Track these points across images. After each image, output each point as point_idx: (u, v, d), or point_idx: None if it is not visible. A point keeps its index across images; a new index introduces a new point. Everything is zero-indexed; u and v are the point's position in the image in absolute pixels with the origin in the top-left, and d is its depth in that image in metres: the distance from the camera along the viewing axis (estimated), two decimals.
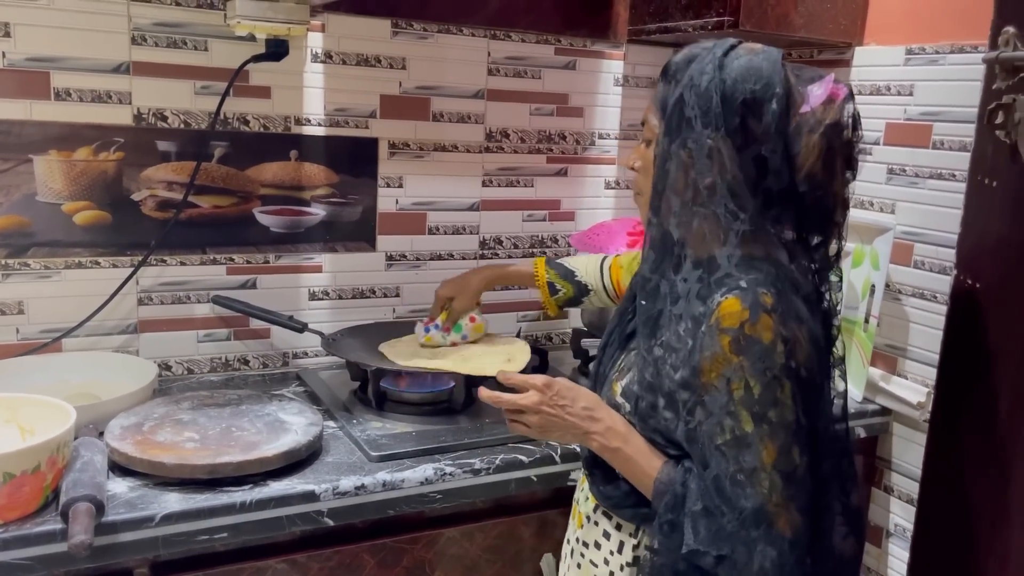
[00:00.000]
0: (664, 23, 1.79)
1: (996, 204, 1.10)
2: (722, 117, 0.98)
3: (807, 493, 0.99)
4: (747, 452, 0.96)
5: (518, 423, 1.13)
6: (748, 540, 0.96)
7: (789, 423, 0.97)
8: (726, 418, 0.97)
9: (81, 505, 1.05)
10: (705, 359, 0.98)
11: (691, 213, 1.02)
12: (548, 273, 1.59)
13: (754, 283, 0.98)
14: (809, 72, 1.03)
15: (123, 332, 1.59)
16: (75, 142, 1.49)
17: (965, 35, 1.56)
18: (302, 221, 1.70)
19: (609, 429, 1.08)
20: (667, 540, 1.01)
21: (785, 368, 0.96)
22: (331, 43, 1.66)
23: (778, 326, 0.96)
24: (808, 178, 1.00)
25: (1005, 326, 1.09)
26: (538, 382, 1.10)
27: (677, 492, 1.01)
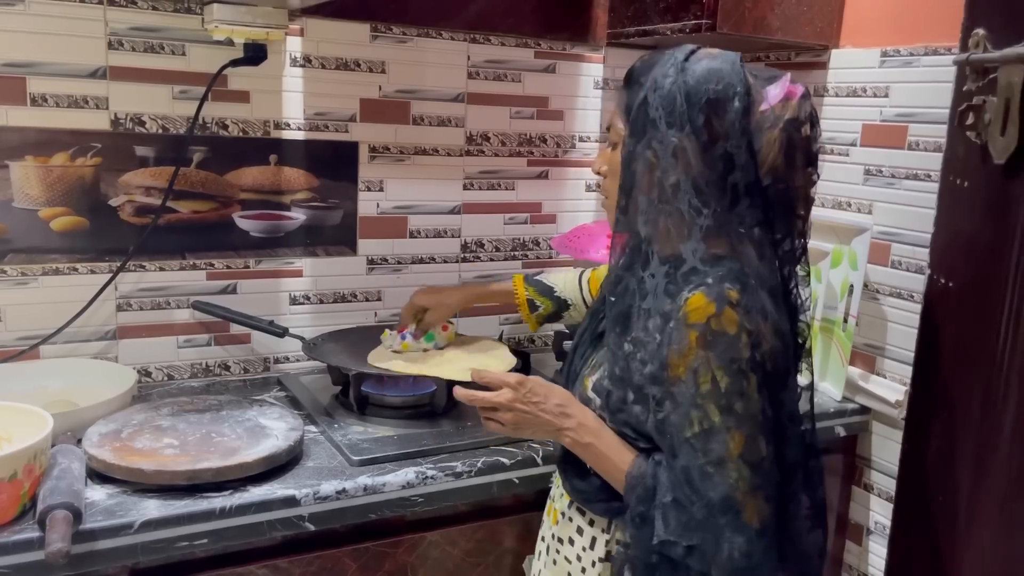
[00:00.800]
0: (643, 26, 1.80)
1: (967, 204, 1.11)
2: (686, 116, 1.01)
3: (773, 482, 1.01)
4: (714, 443, 0.99)
5: (492, 420, 1.15)
6: (716, 529, 0.98)
7: (755, 414, 0.99)
8: (694, 410, 0.99)
9: (58, 513, 1.04)
10: (673, 353, 1.00)
11: (657, 211, 1.05)
12: (527, 291, 1.60)
13: (720, 278, 1.01)
14: (766, 72, 1.07)
15: (102, 338, 1.58)
16: (52, 147, 1.49)
17: (938, 37, 1.58)
18: (282, 225, 1.70)
19: (581, 425, 1.10)
20: (638, 532, 1.03)
21: (750, 361, 0.99)
22: (310, 47, 1.66)
23: (743, 320, 0.99)
24: (771, 171, 1.03)
25: (978, 325, 1.10)
26: (511, 380, 1.13)
27: (648, 485, 1.04)
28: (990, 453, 1.08)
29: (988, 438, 1.10)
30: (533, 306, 1.60)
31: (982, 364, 1.10)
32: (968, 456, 1.11)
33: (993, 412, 1.08)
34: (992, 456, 1.09)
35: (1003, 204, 1.06)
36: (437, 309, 1.62)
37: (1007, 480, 1.07)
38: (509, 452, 1.39)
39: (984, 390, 1.09)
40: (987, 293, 1.08)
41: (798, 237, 1.08)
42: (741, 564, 0.98)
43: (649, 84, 1.05)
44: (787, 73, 1.07)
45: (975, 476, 1.10)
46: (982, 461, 1.09)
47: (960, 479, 1.13)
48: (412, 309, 1.63)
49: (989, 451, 1.08)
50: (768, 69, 1.09)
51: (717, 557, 0.98)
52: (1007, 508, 1.07)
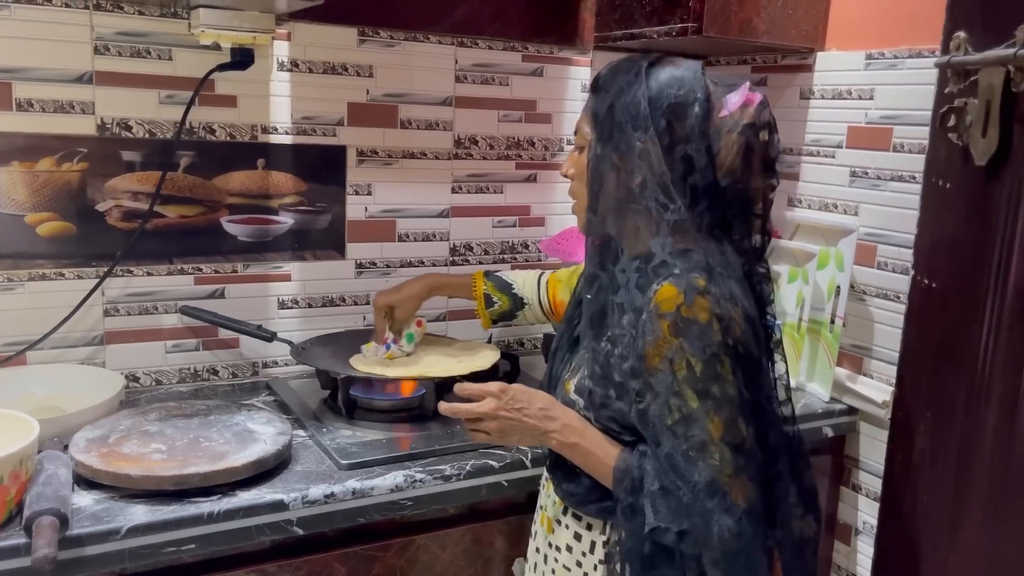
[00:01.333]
0: (629, 29, 1.81)
1: (950, 205, 1.12)
2: (650, 120, 1.06)
3: (756, 463, 1.04)
4: (695, 427, 1.01)
5: (478, 431, 1.16)
6: (705, 512, 1.00)
7: (732, 397, 1.02)
8: (672, 398, 1.02)
9: (45, 519, 1.04)
10: (648, 344, 1.03)
11: (625, 210, 1.09)
12: (486, 285, 1.62)
13: (687, 269, 1.04)
14: (727, 80, 1.11)
15: (89, 344, 1.57)
16: (38, 153, 1.48)
17: (921, 40, 1.59)
18: (270, 230, 1.70)
19: (566, 426, 1.12)
20: (630, 524, 1.05)
21: (723, 345, 1.02)
22: (297, 51, 1.66)
23: (713, 306, 1.02)
24: (729, 173, 1.07)
25: (961, 325, 1.11)
26: (493, 388, 1.14)
27: (634, 476, 1.05)
28: (973, 452, 1.09)
29: (971, 437, 1.10)
30: (489, 301, 1.62)
31: (965, 364, 1.11)
32: (952, 455, 1.12)
33: (976, 412, 1.09)
34: (975, 455, 1.10)
35: (985, 205, 1.07)
36: (403, 303, 1.62)
37: (990, 479, 1.07)
38: (498, 455, 1.39)
39: (967, 390, 1.10)
40: (969, 293, 1.09)
41: (757, 235, 1.12)
42: (732, 545, 1.00)
43: (615, 90, 1.09)
44: (747, 81, 1.11)
45: (959, 475, 1.11)
46: (966, 460, 1.10)
47: (944, 478, 1.14)
48: (380, 311, 1.62)
49: (972, 450, 1.09)
50: (729, 76, 1.13)
51: (708, 540, 1.00)
52: (991, 507, 1.08)
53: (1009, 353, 1.04)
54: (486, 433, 1.15)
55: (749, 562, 1.03)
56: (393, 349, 1.60)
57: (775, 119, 1.10)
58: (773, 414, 1.11)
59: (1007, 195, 1.03)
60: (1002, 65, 1.02)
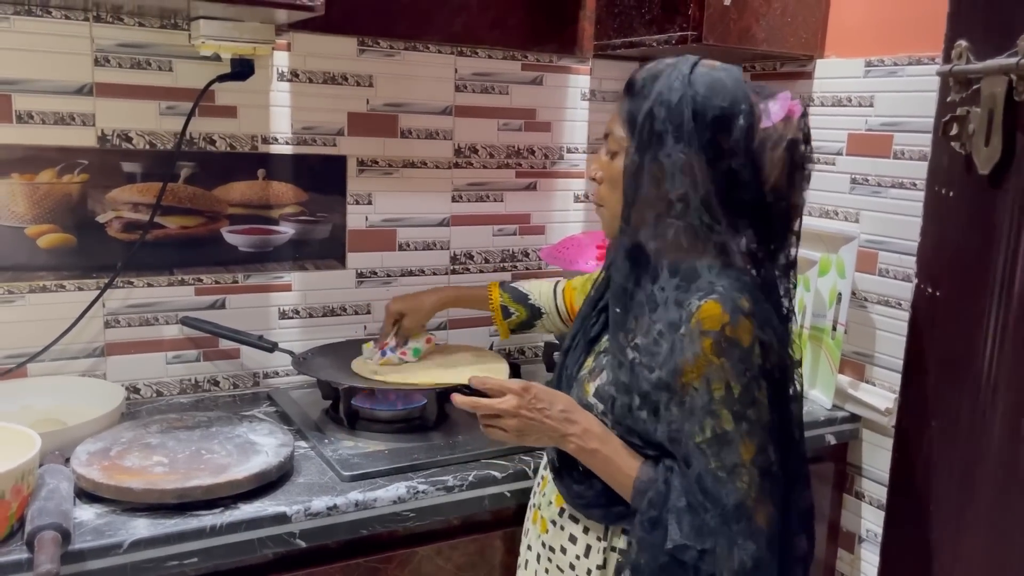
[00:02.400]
0: (629, 38, 1.81)
1: (952, 214, 1.12)
2: (694, 133, 1.02)
3: (780, 489, 1.04)
4: (728, 450, 1.01)
5: (494, 428, 1.13)
6: (730, 535, 1.00)
7: (766, 422, 1.02)
8: (707, 417, 1.01)
9: (47, 534, 1.03)
10: (686, 360, 1.01)
11: (666, 225, 1.06)
12: (502, 296, 1.60)
13: (730, 288, 1.03)
14: (767, 90, 1.08)
15: (90, 356, 1.57)
16: (38, 164, 1.48)
17: (922, 47, 1.60)
18: (271, 240, 1.69)
19: (586, 431, 1.10)
20: (649, 536, 1.04)
21: (761, 369, 1.02)
22: (297, 62, 1.66)
23: (756, 330, 1.01)
24: (773, 190, 1.05)
25: (965, 333, 1.11)
26: (516, 386, 1.11)
27: (660, 489, 1.04)
28: (979, 460, 1.09)
29: (977, 445, 1.10)
30: (507, 312, 1.60)
31: (970, 372, 1.11)
32: (957, 463, 1.12)
33: (981, 419, 1.09)
34: (981, 463, 1.10)
35: (988, 214, 1.06)
36: (413, 313, 1.60)
37: (996, 487, 1.07)
38: (500, 465, 1.38)
39: (972, 397, 1.10)
40: (973, 302, 1.08)
41: (792, 249, 1.11)
42: (750, 568, 1.00)
43: (654, 96, 1.05)
44: (787, 90, 1.08)
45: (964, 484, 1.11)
46: (971, 468, 1.10)
47: (950, 486, 1.13)
48: (390, 317, 1.61)
49: (978, 458, 1.09)
50: (766, 85, 1.10)
51: (729, 561, 1.00)
52: (997, 516, 1.07)
53: (1014, 361, 1.03)
54: (503, 431, 1.12)
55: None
56: (389, 355, 1.59)
57: (810, 127, 1.09)
58: (796, 440, 1.10)
59: (1010, 204, 1.02)
60: (1004, 74, 1.02)
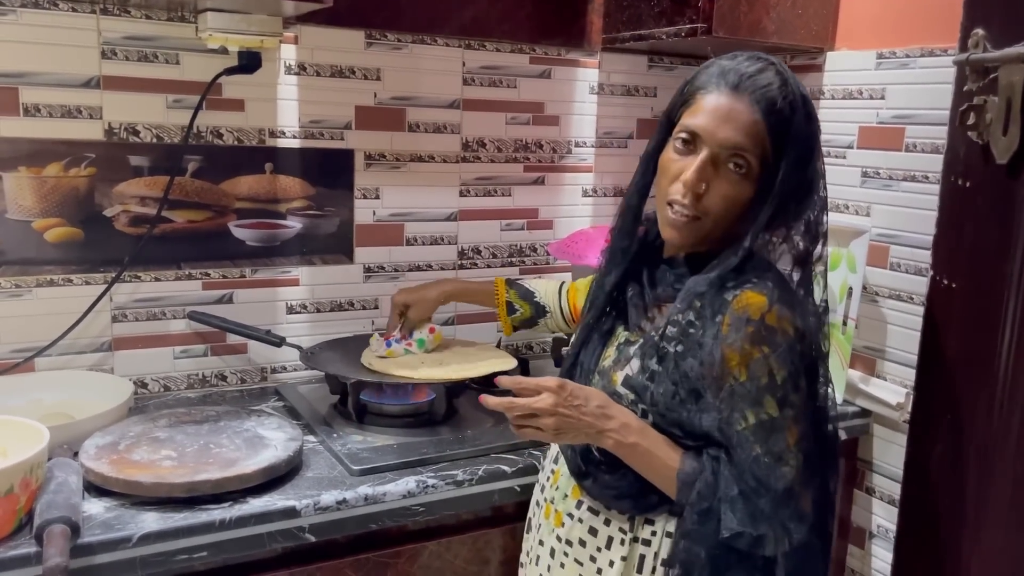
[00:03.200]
0: (638, 31, 1.80)
1: (970, 205, 1.11)
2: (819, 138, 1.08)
3: (819, 474, 1.06)
4: (775, 436, 1.02)
5: (529, 428, 1.09)
6: (781, 520, 1.02)
7: (807, 408, 1.04)
8: (753, 405, 1.02)
9: (56, 527, 1.02)
10: (729, 348, 1.02)
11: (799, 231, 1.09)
12: (508, 292, 1.60)
13: (767, 278, 1.05)
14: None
15: (97, 350, 1.56)
16: (45, 158, 1.47)
17: (934, 39, 1.58)
18: (278, 234, 1.69)
19: (624, 426, 1.08)
20: (701, 527, 1.04)
21: (802, 356, 1.03)
22: (304, 55, 1.65)
23: (796, 318, 1.03)
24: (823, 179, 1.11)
25: (982, 326, 1.10)
26: (552, 384, 1.08)
27: (708, 480, 1.05)
28: (996, 455, 1.08)
29: (993, 439, 1.09)
30: (512, 309, 1.59)
31: (986, 365, 1.10)
32: (973, 458, 1.11)
33: (998, 413, 1.08)
34: (998, 458, 1.09)
35: (1006, 204, 1.05)
36: (418, 304, 1.60)
37: (1014, 482, 1.06)
38: (510, 460, 1.38)
39: (989, 391, 1.09)
40: (991, 293, 1.07)
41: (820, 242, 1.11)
42: (801, 551, 1.03)
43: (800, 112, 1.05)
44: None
45: (981, 478, 1.10)
46: (988, 463, 1.09)
47: (966, 481, 1.12)
48: (396, 308, 1.61)
49: (995, 453, 1.08)
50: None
51: (781, 545, 1.02)
52: (1014, 510, 1.06)
53: None
54: (539, 430, 1.08)
55: (814, 568, 1.06)
56: (394, 347, 1.58)
57: None
58: (829, 427, 1.12)
59: None
60: (1022, 62, 1.01)
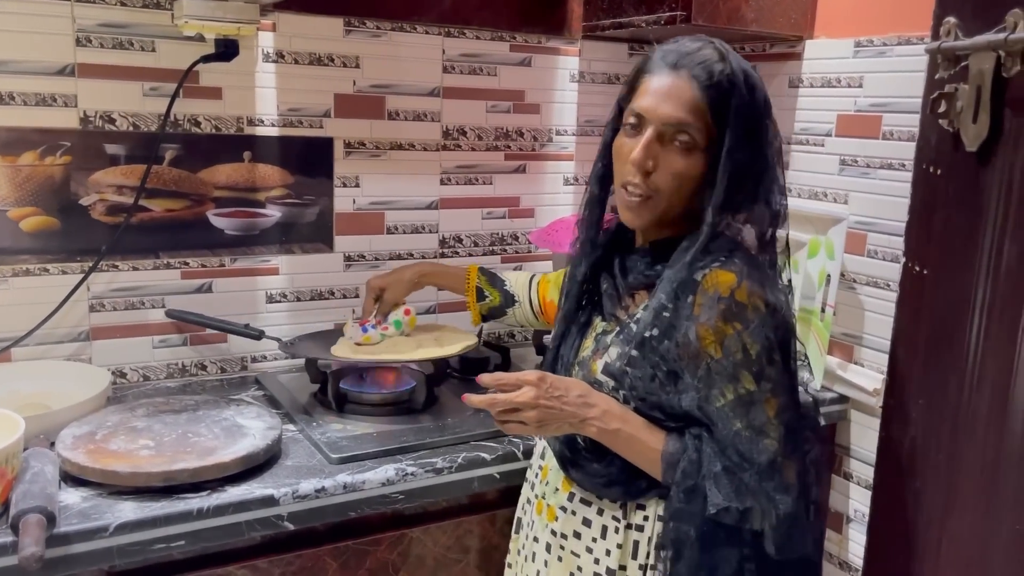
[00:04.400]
0: (618, 18, 1.80)
1: (941, 191, 1.12)
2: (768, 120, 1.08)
3: (801, 444, 1.07)
4: (754, 410, 1.03)
5: (513, 423, 1.10)
6: (766, 492, 1.03)
7: (783, 381, 1.05)
8: (729, 381, 1.04)
9: (31, 517, 1.02)
10: (701, 327, 1.03)
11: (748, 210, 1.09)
12: (479, 279, 1.60)
13: (735, 256, 1.06)
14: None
15: (75, 340, 1.55)
16: (20, 147, 1.46)
17: (911, 27, 1.59)
18: (257, 223, 1.68)
19: (606, 412, 1.09)
20: (688, 506, 1.05)
21: (775, 330, 1.04)
22: (282, 42, 1.65)
23: (766, 293, 1.04)
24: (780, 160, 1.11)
25: (953, 311, 1.11)
26: (532, 377, 1.09)
27: (692, 458, 1.06)
28: (966, 438, 1.09)
29: (963, 424, 1.10)
30: (481, 295, 1.60)
31: (957, 350, 1.11)
32: (944, 442, 1.12)
33: (968, 398, 1.09)
34: (968, 441, 1.10)
35: (975, 190, 1.07)
36: (394, 287, 1.60)
37: (982, 464, 1.07)
38: (490, 447, 1.38)
39: (959, 376, 1.10)
40: (961, 279, 1.09)
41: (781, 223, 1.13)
42: (787, 521, 1.03)
43: (743, 86, 1.06)
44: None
45: (951, 461, 1.11)
46: (958, 446, 1.10)
47: (937, 464, 1.14)
48: (372, 292, 1.61)
49: (965, 436, 1.09)
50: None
51: (768, 517, 1.03)
52: (983, 492, 1.08)
53: (1000, 338, 1.04)
54: (522, 423, 1.10)
55: (802, 538, 1.06)
56: (371, 332, 1.58)
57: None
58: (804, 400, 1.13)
59: (998, 180, 1.02)
60: (993, 50, 1.02)
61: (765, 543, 1.05)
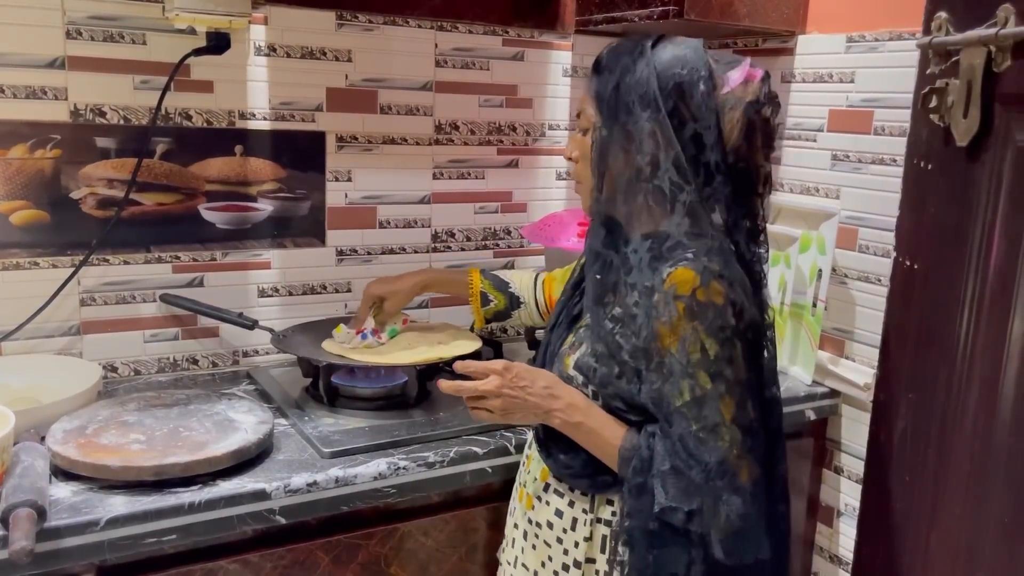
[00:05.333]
0: (610, 13, 1.80)
1: (931, 186, 1.12)
2: (659, 100, 1.06)
3: (761, 444, 1.06)
4: (707, 409, 1.03)
5: (480, 409, 1.15)
6: (714, 492, 1.02)
7: (743, 380, 1.04)
8: (685, 379, 1.03)
9: (22, 511, 1.02)
10: (662, 325, 1.04)
11: (636, 189, 1.09)
12: (482, 283, 1.59)
13: (702, 252, 1.05)
14: (728, 58, 1.12)
15: (65, 334, 1.55)
16: (9, 140, 1.45)
17: (903, 22, 1.59)
18: (249, 217, 1.68)
19: (570, 405, 1.11)
20: (637, 502, 1.06)
21: (735, 329, 1.04)
22: (274, 36, 1.64)
23: (727, 291, 1.03)
24: (733, 151, 1.08)
25: (943, 306, 1.11)
26: (497, 366, 1.13)
27: (643, 455, 1.06)
28: (955, 432, 1.10)
29: (953, 418, 1.11)
30: (485, 300, 1.59)
31: (947, 345, 1.11)
32: (933, 436, 1.13)
33: (957, 392, 1.10)
34: (957, 435, 1.11)
35: (966, 186, 1.07)
36: (393, 296, 1.58)
37: (971, 459, 1.08)
38: (482, 441, 1.38)
39: (948, 370, 1.11)
40: (951, 274, 1.09)
41: (758, 216, 1.13)
42: (737, 524, 1.02)
43: (619, 70, 1.09)
44: (747, 58, 1.12)
45: (940, 455, 1.12)
46: (947, 440, 1.11)
47: (926, 458, 1.14)
48: (369, 301, 1.59)
49: (954, 430, 1.10)
50: (730, 55, 1.14)
51: (716, 519, 1.02)
52: (972, 486, 1.08)
53: (990, 333, 1.04)
54: (488, 411, 1.14)
55: (754, 541, 1.05)
56: (370, 340, 1.57)
57: (776, 92, 1.12)
58: (773, 398, 1.13)
59: (988, 175, 1.03)
60: (983, 45, 1.02)
61: (712, 547, 1.04)
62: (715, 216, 1.09)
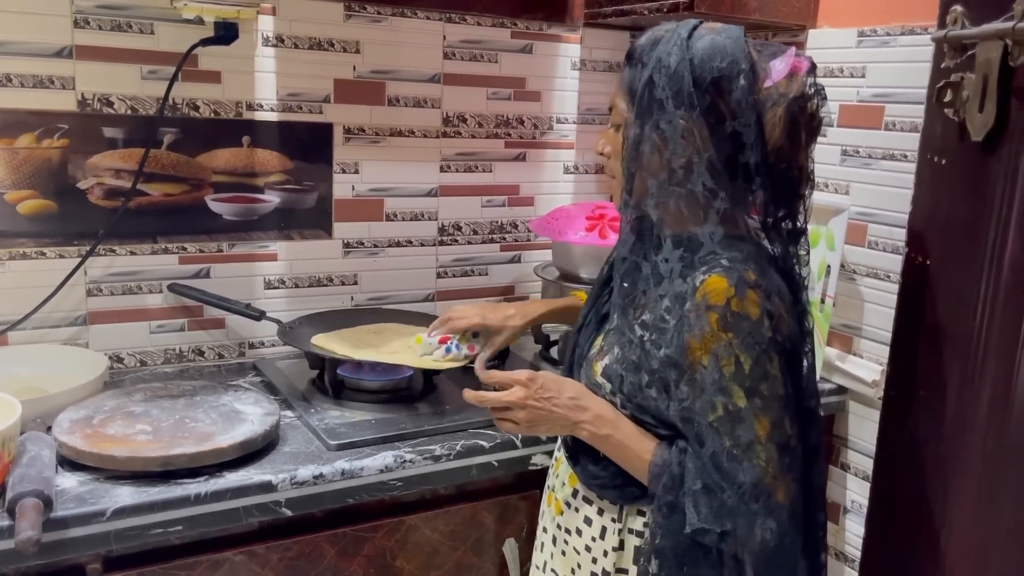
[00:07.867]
0: (620, 6, 1.79)
1: (945, 181, 1.11)
2: (694, 97, 0.99)
3: (799, 462, 1.01)
4: (742, 427, 0.98)
5: (506, 421, 1.12)
6: (749, 514, 0.98)
7: (780, 396, 1.00)
8: (718, 395, 0.98)
9: (28, 501, 1.02)
10: (693, 337, 0.99)
11: (668, 193, 1.03)
12: None
13: (736, 260, 1.00)
14: (771, 47, 1.04)
15: (72, 324, 1.55)
16: (17, 129, 1.45)
17: (915, 17, 1.58)
18: (256, 208, 1.67)
19: (598, 417, 1.08)
20: (667, 521, 1.02)
21: (772, 342, 0.99)
22: (282, 26, 1.63)
23: (763, 301, 0.98)
24: (775, 151, 1.02)
25: (955, 302, 1.10)
26: (522, 377, 1.10)
27: (674, 473, 1.02)
28: (967, 430, 1.09)
29: (965, 415, 1.10)
30: None
31: (959, 341, 1.10)
32: (945, 433, 1.12)
33: (970, 389, 1.09)
34: (969, 433, 1.10)
35: (981, 181, 1.06)
36: (506, 333, 1.43)
37: (983, 457, 1.07)
38: (488, 435, 1.38)
39: (961, 367, 1.10)
40: (964, 270, 1.08)
41: (799, 217, 1.07)
42: (773, 545, 0.98)
43: (653, 63, 1.02)
44: (792, 48, 1.05)
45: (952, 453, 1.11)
46: (959, 438, 1.10)
47: (937, 456, 1.13)
48: (467, 324, 1.44)
49: (966, 428, 1.09)
50: (773, 44, 1.06)
51: (750, 541, 0.98)
52: (984, 485, 1.07)
53: (1003, 330, 1.03)
54: (514, 423, 1.11)
55: (789, 563, 1.02)
56: (455, 352, 1.46)
57: (822, 84, 1.04)
58: (815, 412, 1.08)
59: (1003, 170, 1.02)
60: (1000, 39, 1.01)
61: (746, 570, 1.00)
62: (752, 220, 1.03)
